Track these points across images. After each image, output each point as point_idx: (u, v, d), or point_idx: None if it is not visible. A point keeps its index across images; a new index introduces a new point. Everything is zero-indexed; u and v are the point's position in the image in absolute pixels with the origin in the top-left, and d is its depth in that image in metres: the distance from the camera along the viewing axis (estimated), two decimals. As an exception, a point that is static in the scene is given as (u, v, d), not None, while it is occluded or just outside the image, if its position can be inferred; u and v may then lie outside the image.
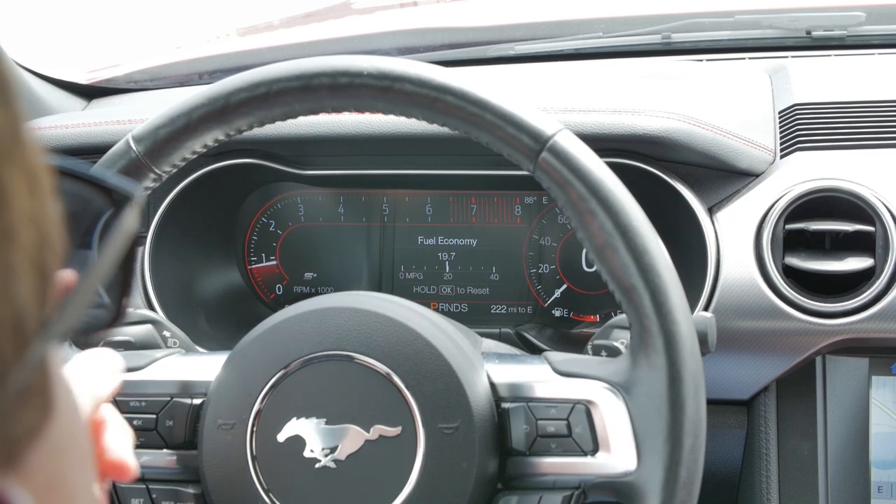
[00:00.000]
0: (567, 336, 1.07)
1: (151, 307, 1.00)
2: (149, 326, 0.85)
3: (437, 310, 1.09)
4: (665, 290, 0.66)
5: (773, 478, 0.92)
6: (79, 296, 0.27)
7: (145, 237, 1.03)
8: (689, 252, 0.95)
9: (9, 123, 0.23)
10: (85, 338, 0.54)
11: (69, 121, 1.12)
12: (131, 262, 0.30)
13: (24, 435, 0.25)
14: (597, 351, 0.78)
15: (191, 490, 0.74)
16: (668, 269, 0.67)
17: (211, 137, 0.75)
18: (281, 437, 0.71)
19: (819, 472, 0.91)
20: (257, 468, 0.71)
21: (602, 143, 0.90)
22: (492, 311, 1.11)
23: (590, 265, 1.08)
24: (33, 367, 0.24)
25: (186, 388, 0.75)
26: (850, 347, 0.91)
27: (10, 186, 0.23)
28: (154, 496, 0.74)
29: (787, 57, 1.20)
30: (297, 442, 0.71)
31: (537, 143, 0.69)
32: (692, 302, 0.87)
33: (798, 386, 0.93)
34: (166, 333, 0.86)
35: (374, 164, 1.07)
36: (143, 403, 0.75)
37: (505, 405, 0.71)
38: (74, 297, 0.26)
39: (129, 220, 0.29)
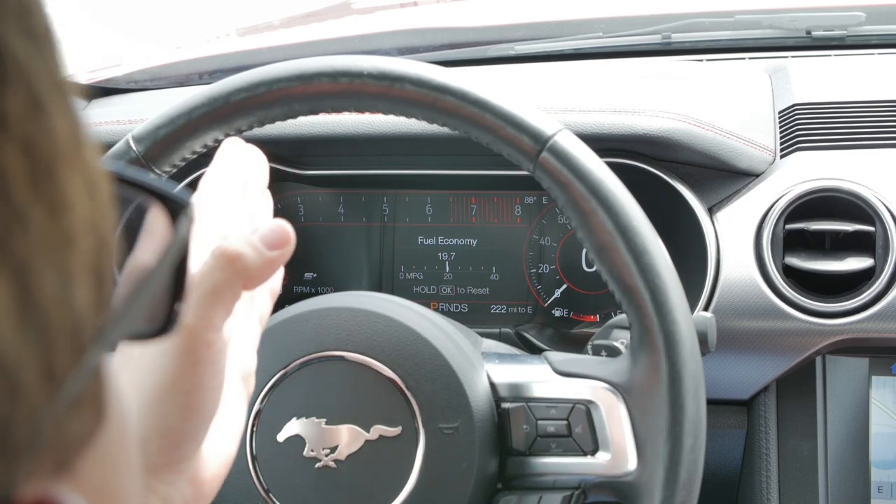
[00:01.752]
0: (567, 336, 1.07)
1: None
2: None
3: (437, 310, 1.09)
4: (665, 290, 0.66)
5: (773, 478, 0.92)
6: (135, 303, 0.27)
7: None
8: (689, 252, 0.95)
9: (71, 129, 0.24)
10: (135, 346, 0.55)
11: (69, 121, 1.11)
12: (184, 270, 0.31)
13: (77, 441, 0.25)
14: (597, 351, 0.78)
15: (191, 490, 0.74)
16: (668, 269, 0.67)
17: (211, 137, 0.75)
18: (281, 437, 0.71)
19: (819, 472, 0.91)
20: (257, 468, 0.71)
21: (602, 143, 0.90)
22: (492, 311, 1.11)
23: (590, 265, 1.08)
24: (89, 374, 0.24)
25: None
26: (850, 347, 0.91)
27: (71, 192, 0.23)
28: (154, 496, 0.74)
29: (787, 57, 1.20)
30: (297, 442, 0.71)
31: (537, 143, 0.69)
32: (692, 302, 0.87)
33: (798, 386, 0.93)
34: (166, 333, 0.86)
35: (374, 164, 1.07)
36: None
37: (505, 405, 0.71)
38: (130, 304, 0.26)
39: (185, 227, 0.30)
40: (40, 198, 0.22)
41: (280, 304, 1.11)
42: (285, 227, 0.50)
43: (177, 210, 0.30)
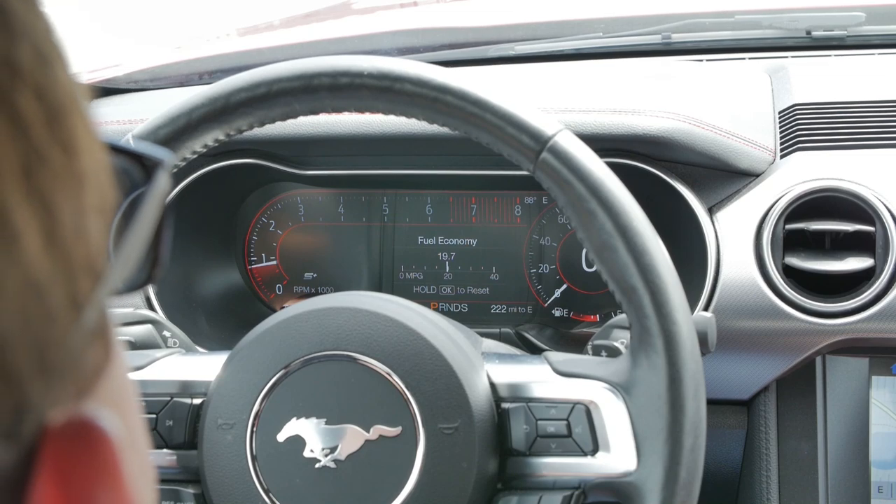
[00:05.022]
0: (567, 336, 1.07)
1: (151, 307, 1.00)
2: (149, 326, 0.85)
3: (437, 310, 1.09)
4: (665, 291, 0.66)
5: (773, 478, 0.92)
6: (129, 247, 0.29)
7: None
8: (689, 252, 0.95)
9: (71, 81, 0.25)
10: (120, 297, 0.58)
11: (69, 121, 1.11)
12: (162, 223, 0.32)
13: (93, 372, 0.26)
14: (597, 351, 0.78)
15: (191, 490, 0.74)
16: (668, 269, 0.67)
17: (211, 137, 0.75)
18: (281, 437, 0.71)
19: (819, 472, 0.91)
20: (257, 468, 0.71)
21: (602, 143, 0.90)
22: (492, 311, 1.11)
23: (590, 265, 1.08)
24: (101, 308, 0.26)
25: (186, 388, 0.75)
26: (850, 347, 0.91)
27: (79, 135, 0.25)
28: (154, 496, 0.74)
29: (787, 57, 1.20)
30: (297, 442, 0.71)
31: (537, 143, 0.69)
32: (692, 302, 0.87)
33: (798, 386, 0.93)
34: (166, 333, 0.86)
35: (374, 164, 1.07)
36: (143, 403, 0.75)
37: (505, 405, 0.71)
38: (126, 249, 0.28)
39: (162, 183, 0.31)
40: (56, 139, 0.24)
41: (280, 304, 1.12)
42: None
43: (151, 168, 0.32)
